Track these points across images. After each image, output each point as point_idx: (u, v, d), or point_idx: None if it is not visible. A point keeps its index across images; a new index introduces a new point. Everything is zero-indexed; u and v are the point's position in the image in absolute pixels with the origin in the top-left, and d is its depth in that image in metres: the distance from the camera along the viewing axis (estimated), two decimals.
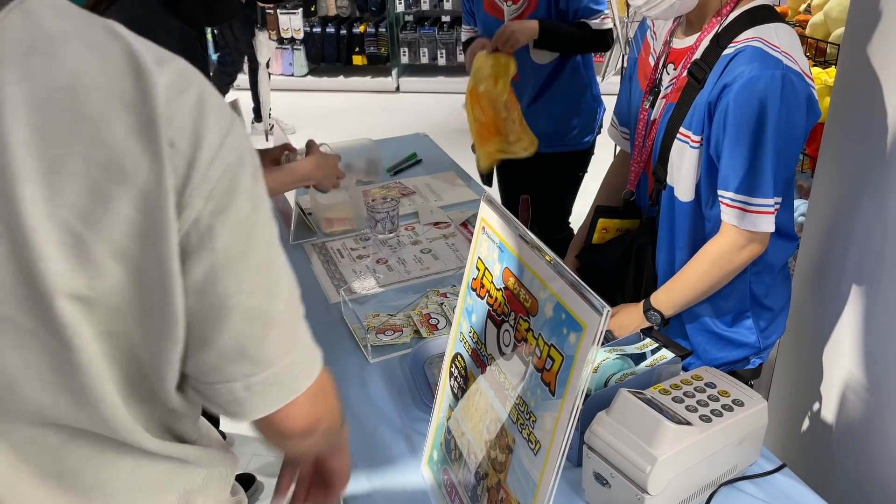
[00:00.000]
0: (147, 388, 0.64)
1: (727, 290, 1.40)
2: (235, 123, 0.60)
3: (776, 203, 1.25)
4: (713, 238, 1.33)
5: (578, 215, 1.92)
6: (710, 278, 1.34)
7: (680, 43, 1.35)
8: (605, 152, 2.55)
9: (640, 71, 1.47)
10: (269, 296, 0.63)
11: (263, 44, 4.63)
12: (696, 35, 1.31)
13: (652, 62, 1.42)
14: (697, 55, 1.29)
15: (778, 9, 2.55)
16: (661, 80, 1.38)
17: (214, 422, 2.06)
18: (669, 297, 1.38)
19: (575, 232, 1.80)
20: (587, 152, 2.35)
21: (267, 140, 4.59)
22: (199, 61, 1.60)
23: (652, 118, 1.39)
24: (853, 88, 1.38)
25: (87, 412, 0.61)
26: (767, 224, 1.26)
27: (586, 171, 2.39)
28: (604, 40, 2.13)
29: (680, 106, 1.31)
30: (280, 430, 0.69)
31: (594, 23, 2.10)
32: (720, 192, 1.28)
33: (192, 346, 0.61)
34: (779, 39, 1.20)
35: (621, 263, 1.53)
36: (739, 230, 1.27)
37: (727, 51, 1.23)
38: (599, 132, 2.33)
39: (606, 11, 2.10)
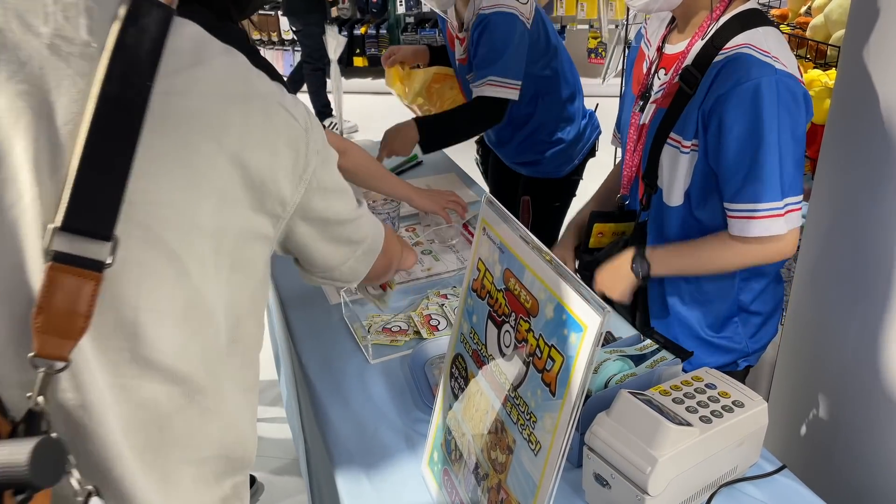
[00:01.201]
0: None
1: (714, 297, 1.41)
2: (307, 109, 0.80)
3: (787, 205, 1.25)
4: (746, 242, 1.30)
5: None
6: (716, 266, 1.34)
7: (672, 48, 1.36)
8: (607, 155, 2.56)
9: (633, 78, 1.48)
10: (348, 202, 0.88)
11: (333, 39, 4.67)
12: (687, 41, 1.31)
13: (645, 69, 1.43)
14: (688, 61, 1.29)
15: (778, 11, 2.58)
16: (651, 84, 1.39)
17: None
18: (667, 257, 1.37)
19: None
20: (566, 181, 2.28)
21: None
22: (255, 55, 1.62)
23: (642, 123, 1.40)
24: (853, 90, 1.38)
25: (202, 351, 0.72)
26: (779, 227, 1.25)
27: (568, 200, 2.34)
28: (492, 112, 1.96)
29: (670, 111, 1.31)
30: (374, 275, 1.02)
31: (485, 90, 1.93)
32: (725, 206, 1.28)
33: (329, 247, 0.88)
34: (768, 44, 1.20)
35: None
36: (752, 238, 1.27)
37: (718, 57, 1.23)
38: (588, 158, 2.29)
39: (497, 78, 1.93)
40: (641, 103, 1.40)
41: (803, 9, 2.46)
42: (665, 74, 1.35)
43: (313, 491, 1.59)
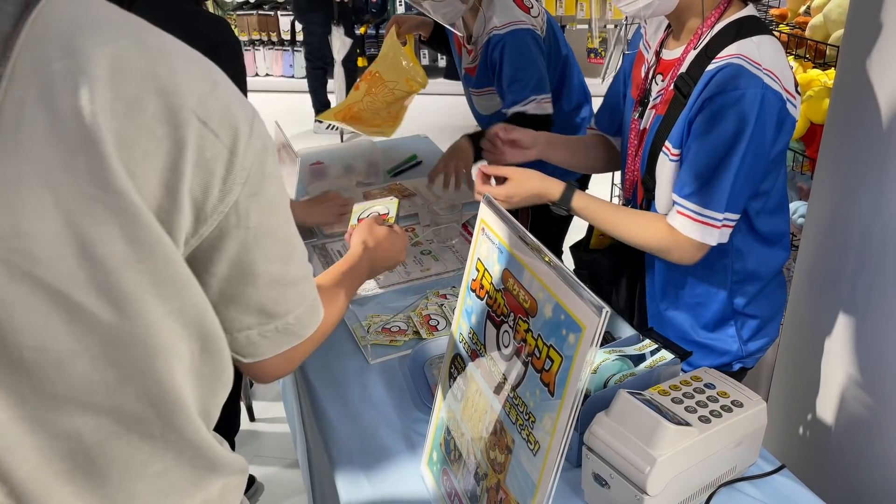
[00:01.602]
0: (212, 359, 0.69)
1: (705, 299, 1.41)
2: (255, 113, 0.67)
3: (725, 219, 1.25)
4: (666, 222, 1.31)
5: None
6: (628, 234, 1.35)
7: (669, 54, 1.35)
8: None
9: (634, 82, 1.47)
10: (288, 262, 0.73)
11: (338, 40, 4.69)
12: (683, 47, 1.31)
13: (644, 72, 1.42)
14: (683, 68, 1.29)
15: (778, 11, 2.58)
16: (650, 89, 1.38)
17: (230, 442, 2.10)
18: (590, 207, 1.36)
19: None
20: None
21: (342, 140, 4.61)
22: (235, 46, 1.62)
23: (642, 128, 1.40)
24: (853, 90, 1.38)
25: (133, 388, 0.63)
26: (711, 237, 1.26)
27: (566, 222, 2.32)
28: (543, 125, 1.92)
29: (666, 119, 1.31)
30: (282, 363, 0.80)
31: (528, 108, 1.92)
32: (675, 196, 1.28)
33: (219, 304, 0.69)
34: (761, 55, 1.18)
35: (615, 272, 1.55)
36: (684, 236, 1.27)
37: (710, 66, 1.22)
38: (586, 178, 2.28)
39: (536, 97, 1.92)
40: (640, 109, 1.40)
41: (802, 8, 2.46)
42: (662, 80, 1.35)
43: (314, 491, 1.59)
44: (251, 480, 2.15)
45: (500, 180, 1.37)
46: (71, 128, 0.56)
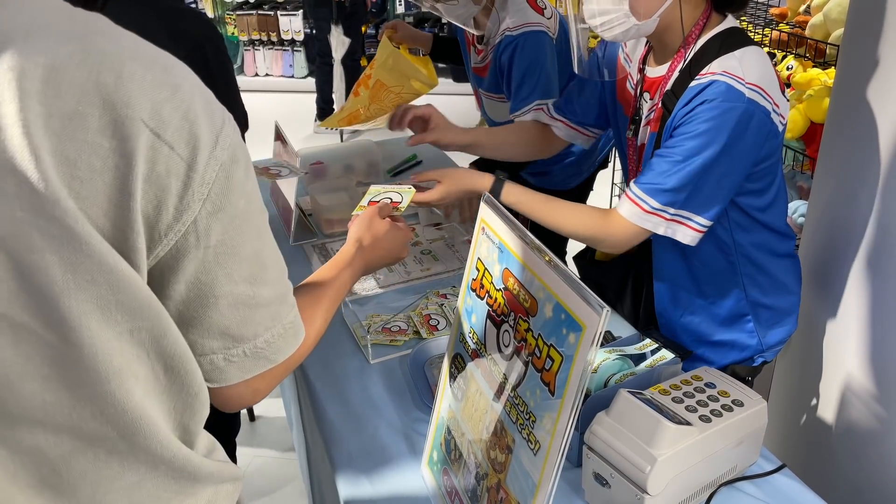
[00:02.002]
0: (173, 375, 0.64)
1: (720, 298, 1.41)
2: (226, 119, 0.61)
3: (679, 215, 1.24)
4: (610, 213, 1.32)
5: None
6: (557, 219, 1.36)
7: (653, 71, 1.35)
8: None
9: (620, 95, 1.47)
10: (256, 283, 0.66)
11: (336, 39, 4.71)
12: (668, 64, 1.30)
13: (630, 88, 1.42)
14: (669, 85, 1.28)
15: (778, 10, 2.58)
16: (640, 107, 1.38)
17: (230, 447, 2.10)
18: (521, 199, 1.37)
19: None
20: (574, 192, 2.22)
21: (342, 140, 4.60)
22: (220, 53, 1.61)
23: (639, 144, 1.40)
24: (853, 89, 1.38)
25: (89, 408, 0.60)
26: (655, 226, 1.26)
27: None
28: None
29: (659, 135, 1.31)
30: (244, 395, 0.73)
31: (528, 116, 1.86)
32: (633, 186, 1.28)
33: (179, 327, 0.64)
34: (744, 70, 1.18)
35: (621, 284, 1.57)
36: (620, 220, 1.29)
37: (693, 83, 1.22)
38: (600, 169, 2.26)
39: (543, 101, 1.86)
40: (634, 127, 1.40)
41: (802, 7, 2.46)
42: (651, 98, 1.35)
43: (313, 491, 1.59)
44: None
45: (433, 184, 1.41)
46: None
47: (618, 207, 1.31)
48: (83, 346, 0.57)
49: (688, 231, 1.26)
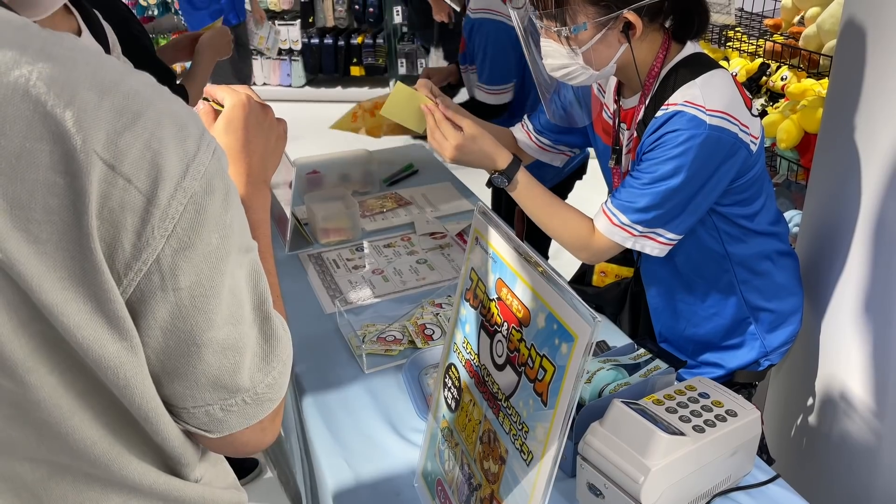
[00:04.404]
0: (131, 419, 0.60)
1: (721, 308, 1.42)
2: (203, 145, 0.55)
3: (648, 232, 1.27)
4: (592, 224, 1.34)
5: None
6: (554, 228, 1.37)
7: (626, 103, 1.38)
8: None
9: (597, 125, 1.49)
10: (236, 323, 0.60)
11: (434, 61, 4.75)
12: (638, 95, 1.33)
13: (607, 118, 1.44)
14: (640, 116, 1.32)
15: (771, 21, 2.59)
16: (620, 137, 1.41)
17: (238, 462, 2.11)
18: (530, 186, 1.36)
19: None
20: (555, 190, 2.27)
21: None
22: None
23: (623, 171, 1.42)
24: (846, 99, 1.39)
25: (59, 443, 0.58)
26: (624, 240, 1.29)
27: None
28: (483, 113, 1.94)
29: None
30: (248, 442, 0.66)
31: (477, 94, 2.00)
32: (607, 203, 1.31)
33: (163, 377, 0.59)
34: (705, 98, 1.20)
35: (618, 306, 1.59)
36: (598, 234, 1.32)
37: (659, 113, 1.25)
38: (569, 180, 2.28)
39: (485, 86, 1.98)
40: (615, 156, 1.42)
41: (796, 19, 2.47)
42: (627, 129, 1.38)
43: (307, 500, 1.58)
44: (255, 463, 2.18)
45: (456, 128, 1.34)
46: None
47: (594, 220, 1.34)
48: (38, 388, 0.54)
49: (655, 245, 1.29)
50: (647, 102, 1.30)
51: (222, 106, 0.87)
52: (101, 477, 0.60)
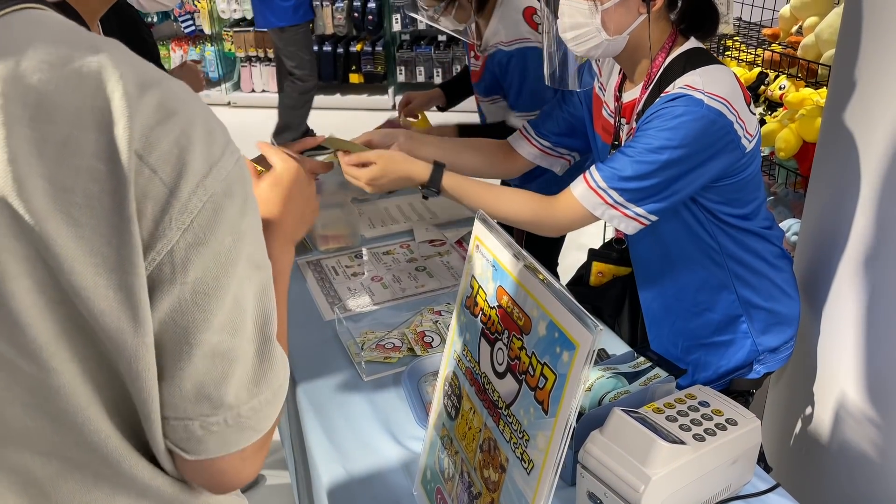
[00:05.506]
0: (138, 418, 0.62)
1: (713, 303, 1.42)
2: (228, 152, 0.58)
3: (622, 204, 1.27)
4: (557, 197, 1.35)
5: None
6: (503, 212, 1.37)
7: (628, 96, 1.39)
8: None
9: (597, 124, 1.50)
10: (234, 332, 0.59)
11: None
12: (640, 87, 1.34)
13: (607, 116, 1.45)
14: (640, 106, 1.33)
15: (770, 30, 2.60)
16: (620, 132, 1.41)
17: None
18: (461, 186, 1.38)
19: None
20: None
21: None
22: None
23: None
24: (844, 108, 1.40)
25: (73, 437, 0.59)
26: (594, 206, 1.29)
27: (560, 239, 2.30)
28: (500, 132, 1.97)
29: None
30: (227, 471, 0.63)
31: (509, 119, 2.00)
32: (590, 170, 1.31)
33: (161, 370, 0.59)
34: (705, 83, 1.22)
35: (617, 304, 1.59)
36: (563, 203, 1.32)
37: (657, 100, 1.26)
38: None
39: (526, 114, 1.98)
40: (614, 152, 1.42)
41: (794, 28, 2.48)
42: (627, 123, 1.39)
43: None
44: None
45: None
46: None
47: (571, 186, 1.34)
48: (60, 372, 0.56)
49: (624, 218, 1.29)
50: (648, 90, 1.31)
51: (264, 168, 0.96)
52: (110, 477, 0.61)
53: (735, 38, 2.66)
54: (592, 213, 1.30)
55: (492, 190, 1.40)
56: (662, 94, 1.26)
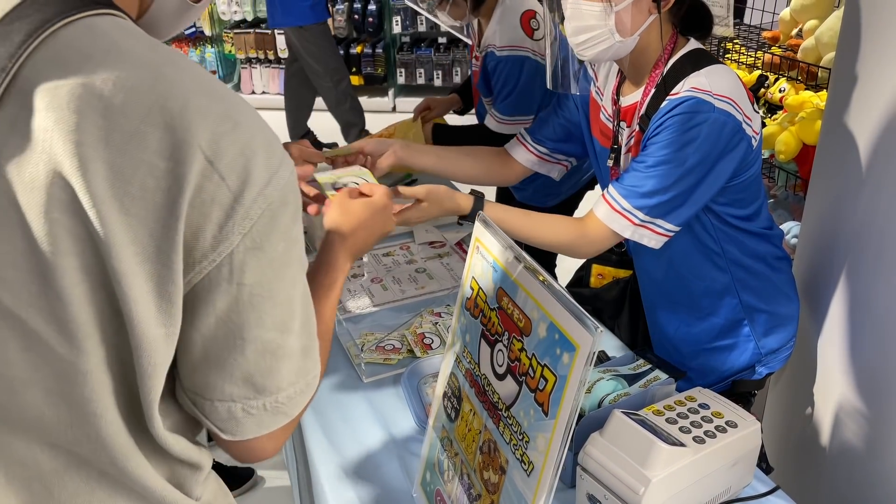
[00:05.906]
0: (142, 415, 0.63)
1: (716, 308, 1.42)
2: (284, 163, 0.62)
3: (647, 221, 1.27)
4: (586, 219, 1.35)
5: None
6: (543, 239, 1.37)
7: (626, 100, 1.38)
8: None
9: (594, 128, 1.49)
10: (284, 331, 0.64)
11: None
12: (642, 88, 1.33)
13: (605, 120, 1.44)
14: (643, 109, 1.32)
15: (770, 33, 2.60)
16: (619, 136, 1.41)
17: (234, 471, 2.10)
18: (502, 217, 1.37)
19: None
20: (549, 211, 2.22)
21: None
22: None
23: (622, 171, 1.42)
24: (844, 111, 1.40)
25: (86, 429, 0.60)
26: (623, 228, 1.29)
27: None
28: (491, 141, 1.97)
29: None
30: (256, 449, 0.69)
31: (489, 123, 2.01)
32: (608, 189, 1.31)
33: (202, 365, 0.63)
34: (712, 84, 1.22)
35: (616, 306, 1.58)
36: (596, 225, 1.32)
37: (666, 101, 1.26)
38: (583, 190, 2.27)
39: (496, 114, 2.01)
40: (615, 156, 1.42)
41: (794, 31, 2.49)
42: (627, 126, 1.38)
43: None
44: (250, 473, 2.16)
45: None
46: (43, 151, 0.54)
47: (594, 209, 1.34)
48: (91, 354, 0.58)
49: (654, 235, 1.29)
50: (652, 92, 1.30)
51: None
52: (114, 477, 0.63)
53: (735, 41, 2.66)
54: (622, 234, 1.30)
55: (529, 217, 1.39)
56: (670, 97, 1.25)
